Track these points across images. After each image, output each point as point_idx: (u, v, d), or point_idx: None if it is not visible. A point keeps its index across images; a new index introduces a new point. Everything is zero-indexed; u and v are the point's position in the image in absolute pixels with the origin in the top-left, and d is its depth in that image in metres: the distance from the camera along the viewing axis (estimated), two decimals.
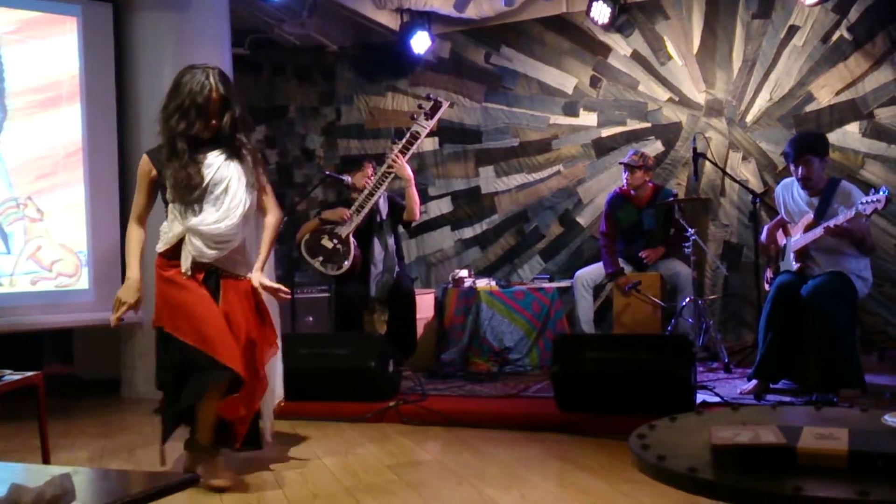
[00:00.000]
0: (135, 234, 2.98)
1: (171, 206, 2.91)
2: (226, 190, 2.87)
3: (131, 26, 5.01)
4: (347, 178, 4.94)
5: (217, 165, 2.87)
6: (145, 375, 4.92)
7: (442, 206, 6.54)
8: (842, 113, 5.35)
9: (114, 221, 4.96)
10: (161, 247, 2.94)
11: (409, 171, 4.66)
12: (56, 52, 4.85)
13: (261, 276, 2.98)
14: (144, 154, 2.97)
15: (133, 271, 2.94)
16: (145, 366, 4.93)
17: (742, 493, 1.30)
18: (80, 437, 3.94)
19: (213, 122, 2.84)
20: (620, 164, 5.20)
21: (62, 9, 4.87)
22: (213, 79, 2.83)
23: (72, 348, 5.72)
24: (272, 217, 3.08)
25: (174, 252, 2.90)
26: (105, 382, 5.17)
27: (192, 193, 2.84)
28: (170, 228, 2.91)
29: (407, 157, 4.64)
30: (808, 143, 3.91)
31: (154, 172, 2.92)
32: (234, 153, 2.90)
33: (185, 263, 2.87)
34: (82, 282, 4.87)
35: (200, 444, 2.92)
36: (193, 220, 2.85)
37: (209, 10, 5.08)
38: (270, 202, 3.09)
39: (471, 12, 5.97)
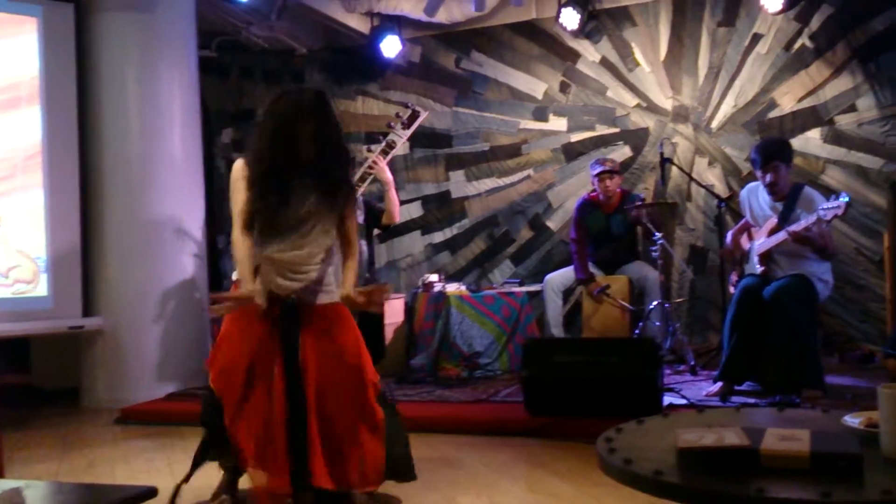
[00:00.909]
0: (246, 244, 2.62)
1: (255, 231, 2.65)
2: (312, 226, 2.62)
3: (93, 27, 4.94)
4: None
5: (306, 199, 2.60)
6: (105, 384, 4.85)
7: (412, 211, 6.52)
8: (804, 119, 5.45)
9: (74, 226, 4.88)
10: (237, 275, 2.67)
11: (389, 175, 4.63)
12: (15, 52, 4.76)
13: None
14: (240, 159, 2.70)
15: (249, 284, 2.59)
16: (105, 374, 4.86)
17: (707, 495, 1.30)
18: (38, 448, 3.84)
19: (301, 150, 2.57)
20: (599, 174, 5.16)
21: (22, 9, 4.78)
22: (305, 103, 2.57)
23: (29, 357, 5.60)
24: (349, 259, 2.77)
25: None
26: (64, 392, 5.06)
27: (277, 226, 2.60)
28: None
29: (384, 161, 4.61)
30: (776, 150, 3.99)
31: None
32: (325, 188, 2.63)
33: (261, 296, 2.59)
34: (40, 288, 4.78)
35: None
36: (270, 249, 2.60)
37: (174, 12, 5.03)
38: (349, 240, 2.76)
39: (441, 17, 5.97)
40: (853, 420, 1.57)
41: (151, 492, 1.46)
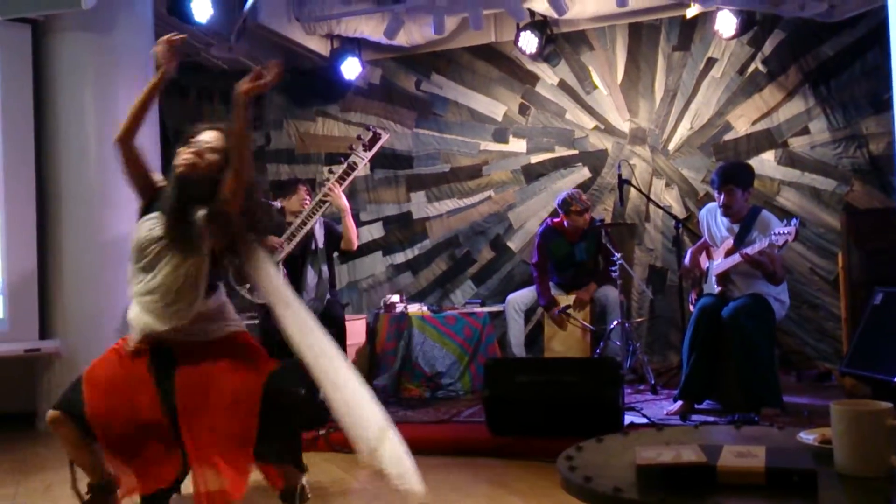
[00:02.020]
0: None
1: None
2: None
3: (51, 48, 4.86)
4: (277, 204, 4.87)
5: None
6: None
7: (373, 232, 6.52)
8: (758, 142, 5.58)
9: (31, 249, 4.77)
10: None
11: (344, 202, 4.61)
12: None
13: None
14: None
15: None
16: None
17: None
18: None
19: None
20: (579, 211, 5.10)
21: None
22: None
23: None
24: None
25: None
26: (20, 416, 4.92)
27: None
28: None
29: (343, 186, 4.59)
30: (732, 174, 4.06)
31: None
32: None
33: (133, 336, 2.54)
34: None
35: None
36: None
37: (132, 33, 4.97)
38: None
39: (401, 39, 6.01)
40: (808, 436, 1.60)
41: None
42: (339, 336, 4.74)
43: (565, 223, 5.22)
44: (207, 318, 2.55)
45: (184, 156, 2.48)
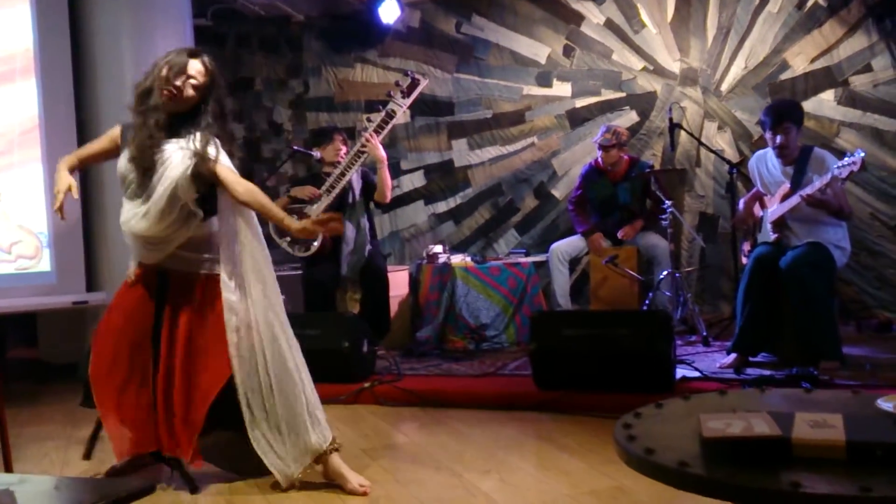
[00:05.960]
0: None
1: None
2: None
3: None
4: (317, 153, 4.80)
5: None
6: None
7: (415, 180, 6.42)
8: (816, 81, 5.30)
9: (75, 201, 4.78)
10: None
11: (382, 152, 4.49)
12: (8, 25, 4.64)
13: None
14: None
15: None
16: None
17: (736, 489, 1.23)
18: (47, 424, 3.82)
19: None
20: (595, 143, 5.11)
21: None
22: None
23: (36, 332, 5.55)
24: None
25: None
26: (71, 366, 5.01)
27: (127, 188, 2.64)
28: None
29: (381, 136, 4.47)
30: (786, 111, 3.87)
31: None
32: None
33: (132, 265, 2.69)
34: (43, 264, 4.71)
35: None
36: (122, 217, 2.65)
37: None
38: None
39: None
40: (886, 404, 1.49)
41: (150, 488, 1.40)
42: (382, 288, 4.70)
43: (608, 167, 5.07)
44: (193, 246, 2.65)
45: (167, 87, 2.64)
